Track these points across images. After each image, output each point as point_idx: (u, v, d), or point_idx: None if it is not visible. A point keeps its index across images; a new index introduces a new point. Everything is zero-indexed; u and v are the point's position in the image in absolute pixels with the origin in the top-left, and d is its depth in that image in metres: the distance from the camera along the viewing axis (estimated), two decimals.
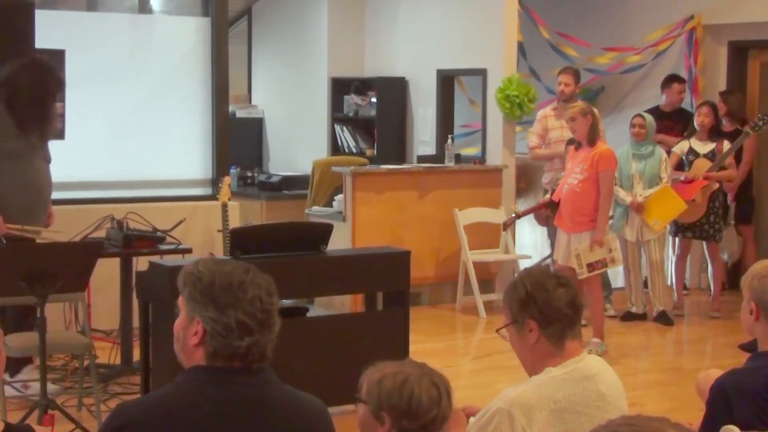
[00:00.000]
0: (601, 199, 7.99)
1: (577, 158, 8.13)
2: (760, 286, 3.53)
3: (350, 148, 11.66)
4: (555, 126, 9.32)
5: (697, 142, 9.33)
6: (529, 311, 3.32)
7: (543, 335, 3.31)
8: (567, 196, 8.10)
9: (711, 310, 9.44)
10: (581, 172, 8.02)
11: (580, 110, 8.07)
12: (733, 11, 10.31)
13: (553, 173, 9.14)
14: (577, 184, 8.03)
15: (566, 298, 3.32)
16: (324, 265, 6.17)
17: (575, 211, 8.04)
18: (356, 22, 11.82)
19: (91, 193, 8.43)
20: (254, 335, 2.74)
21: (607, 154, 8.04)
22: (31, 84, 6.48)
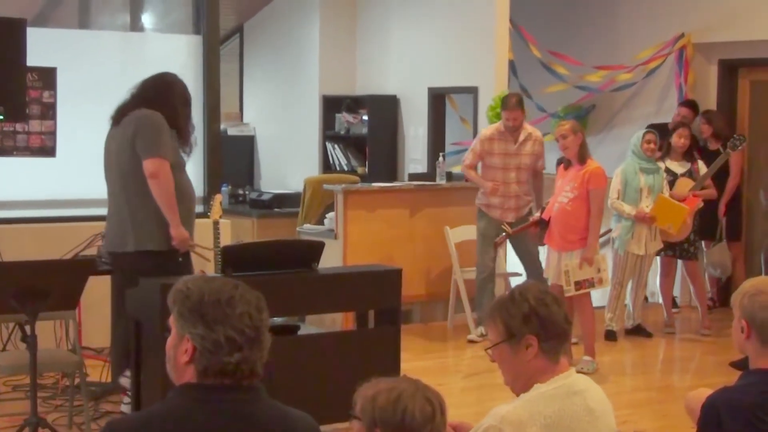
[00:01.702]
0: (592, 217, 7.99)
1: (567, 177, 8.12)
2: (750, 305, 3.54)
3: (342, 166, 11.67)
4: (497, 151, 8.91)
5: (673, 163, 9.36)
6: (530, 326, 3.32)
7: (541, 350, 3.32)
8: (557, 215, 8.10)
9: (701, 328, 9.44)
10: (571, 190, 8.02)
11: (570, 128, 8.08)
12: (724, 30, 10.35)
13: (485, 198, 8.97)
14: (567, 203, 8.03)
15: (562, 314, 3.36)
16: (315, 282, 6.17)
17: (566, 229, 8.04)
18: (348, 41, 11.84)
19: (82, 211, 8.41)
20: (243, 351, 2.74)
21: (598, 173, 8.04)
22: (181, 98, 6.44)
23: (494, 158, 8.89)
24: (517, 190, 8.91)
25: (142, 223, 6.27)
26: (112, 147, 6.37)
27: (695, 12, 10.55)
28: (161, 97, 6.35)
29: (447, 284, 9.53)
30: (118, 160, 6.30)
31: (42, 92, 8.28)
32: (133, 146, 6.20)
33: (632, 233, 8.93)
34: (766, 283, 3.59)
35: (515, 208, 8.94)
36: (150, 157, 6.15)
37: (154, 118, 6.22)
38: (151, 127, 6.19)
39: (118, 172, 6.32)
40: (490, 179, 8.87)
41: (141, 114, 6.24)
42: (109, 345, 7.26)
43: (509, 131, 8.87)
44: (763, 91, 10.76)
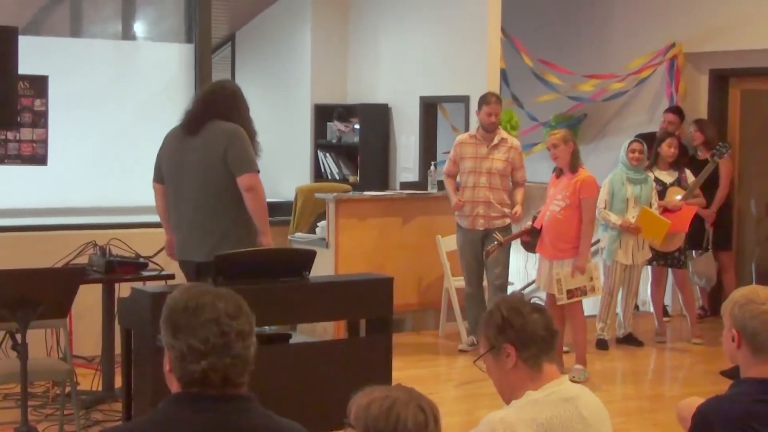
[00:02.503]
0: (584, 226, 8.01)
1: (558, 185, 8.14)
2: (741, 314, 3.55)
3: (333, 175, 11.67)
4: (468, 155, 8.77)
5: (661, 172, 9.39)
6: (505, 336, 3.37)
7: (520, 359, 3.36)
8: (549, 224, 8.10)
9: (692, 336, 9.46)
10: (563, 199, 8.03)
11: (561, 137, 8.08)
12: (714, 39, 10.38)
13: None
14: (559, 212, 8.04)
15: (542, 322, 3.38)
16: (307, 291, 6.16)
17: (557, 238, 8.05)
18: (339, 49, 11.85)
19: (73, 219, 8.41)
20: (208, 359, 2.71)
21: (590, 181, 8.06)
22: (245, 106, 6.57)
23: (466, 162, 8.74)
24: (488, 196, 8.66)
25: (233, 232, 6.39)
26: (191, 157, 6.40)
27: (686, 22, 10.58)
28: (235, 110, 6.46)
29: (438, 293, 9.53)
30: (204, 171, 6.36)
31: (33, 100, 8.28)
32: (224, 160, 6.29)
33: (619, 243, 8.95)
34: (756, 292, 3.60)
35: (484, 215, 8.67)
36: (246, 173, 6.30)
37: (241, 132, 6.36)
38: (243, 142, 6.33)
39: (203, 182, 6.37)
40: (462, 184, 8.81)
41: (229, 129, 6.35)
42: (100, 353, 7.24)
43: (486, 130, 8.70)
44: (754, 100, 10.79)
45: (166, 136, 6.68)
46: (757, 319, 3.50)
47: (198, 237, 6.42)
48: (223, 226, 6.39)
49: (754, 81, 10.75)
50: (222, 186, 6.34)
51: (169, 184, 6.57)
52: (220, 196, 6.36)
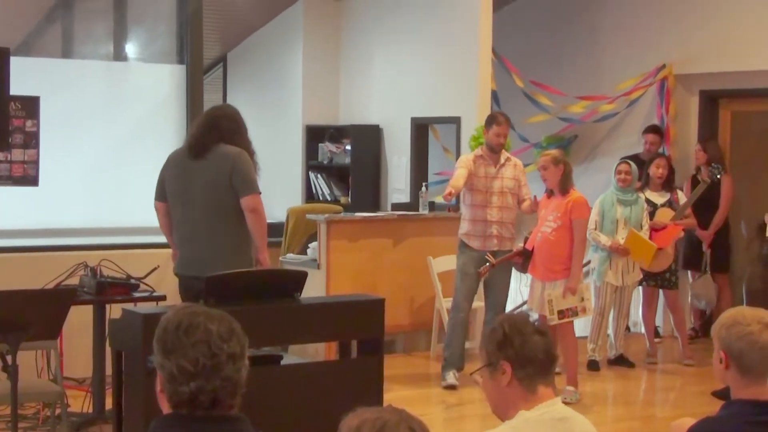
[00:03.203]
0: (575, 247, 8.03)
1: (549, 206, 8.14)
2: (727, 336, 3.55)
3: (325, 196, 11.68)
4: (480, 174, 8.48)
5: (652, 193, 9.43)
6: (504, 352, 3.38)
7: (515, 377, 3.37)
8: (541, 245, 8.12)
9: (683, 358, 9.46)
10: (554, 220, 8.05)
11: (552, 159, 8.10)
12: (704, 61, 10.43)
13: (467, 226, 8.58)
14: (550, 233, 8.06)
15: (542, 345, 3.39)
16: (298, 312, 6.15)
17: (550, 259, 8.07)
18: (331, 70, 11.88)
19: (64, 240, 8.40)
20: (198, 380, 2.71)
21: (581, 202, 8.08)
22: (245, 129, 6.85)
23: (479, 180, 8.46)
24: (500, 216, 8.46)
25: (240, 249, 6.69)
26: (198, 179, 6.66)
27: (676, 43, 10.63)
28: (237, 133, 6.74)
29: (430, 314, 9.52)
30: (211, 192, 6.63)
31: (25, 121, 8.28)
32: (229, 182, 6.59)
33: (609, 264, 8.96)
34: (742, 313, 3.60)
35: (498, 235, 8.44)
36: (249, 194, 6.62)
37: (245, 156, 6.68)
38: (247, 165, 6.65)
39: (209, 203, 6.64)
40: (471, 204, 8.49)
41: (234, 152, 6.63)
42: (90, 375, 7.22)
43: (493, 152, 8.51)
44: (744, 121, 10.83)
45: (169, 158, 6.87)
46: (743, 341, 3.51)
47: (203, 253, 6.64)
48: (227, 243, 6.65)
49: (744, 102, 10.80)
50: (227, 206, 6.62)
51: (173, 203, 6.78)
52: (226, 215, 6.63)
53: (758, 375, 3.53)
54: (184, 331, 2.74)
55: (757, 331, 3.49)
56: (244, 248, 6.72)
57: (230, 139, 6.68)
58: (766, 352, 3.49)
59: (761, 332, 3.49)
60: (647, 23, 10.89)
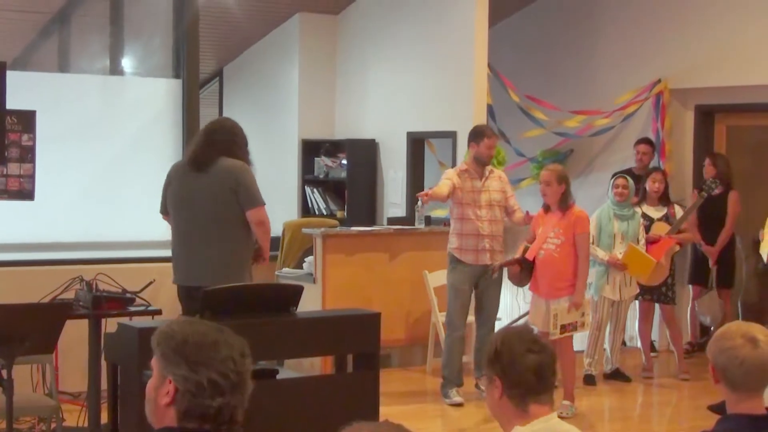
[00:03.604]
0: (580, 262, 8.03)
1: (548, 223, 8.09)
2: (716, 350, 3.55)
3: (321, 210, 11.68)
4: (466, 188, 8.37)
5: (649, 208, 9.44)
6: (494, 368, 3.37)
7: (505, 393, 3.35)
8: (545, 263, 8.07)
9: (679, 372, 9.45)
10: (557, 236, 8.02)
11: (556, 177, 8.07)
12: (699, 76, 10.45)
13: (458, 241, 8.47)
14: (555, 249, 8.04)
15: (533, 364, 3.33)
16: (294, 326, 6.15)
17: (556, 277, 8.04)
18: (327, 85, 11.89)
19: (60, 254, 8.39)
20: (225, 396, 2.73)
21: (584, 217, 8.11)
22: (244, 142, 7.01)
23: (466, 194, 8.37)
24: (491, 230, 8.37)
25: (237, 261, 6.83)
26: (200, 192, 6.81)
27: (672, 58, 10.65)
28: (235, 145, 6.90)
29: (426, 328, 9.52)
30: (213, 205, 6.78)
31: (21, 135, 8.28)
32: (233, 195, 6.76)
33: (606, 278, 8.97)
34: (730, 327, 3.60)
35: (490, 249, 8.36)
36: (255, 207, 6.82)
37: (247, 169, 6.87)
38: (249, 179, 6.84)
39: (212, 215, 6.79)
40: (460, 217, 8.37)
41: (236, 166, 6.81)
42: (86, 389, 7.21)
43: (481, 165, 8.43)
44: (739, 136, 10.86)
45: (170, 172, 7.02)
46: (724, 354, 3.50)
47: (202, 264, 6.81)
48: (224, 256, 6.79)
49: (739, 117, 10.82)
50: (227, 219, 6.78)
51: (174, 215, 6.96)
52: (225, 228, 6.79)
53: (747, 390, 3.51)
54: (211, 346, 2.75)
55: (739, 346, 3.47)
56: (241, 260, 6.84)
57: (229, 152, 6.83)
58: (748, 367, 3.46)
59: (743, 347, 3.47)
60: (643, 38, 10.91)
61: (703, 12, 10.45)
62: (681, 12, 10.61)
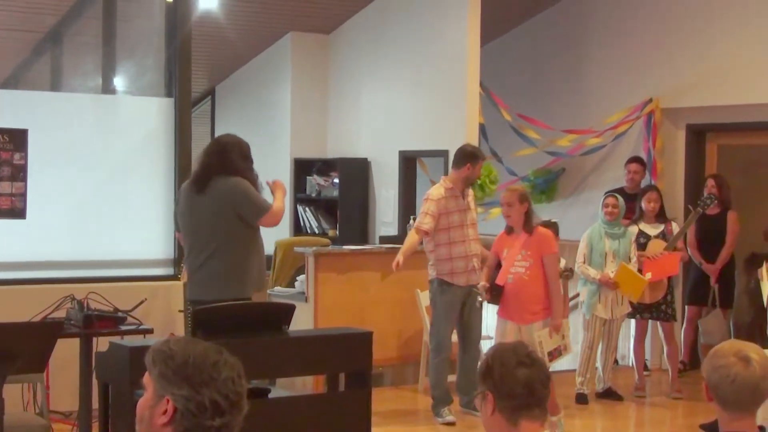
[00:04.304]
0: (552, 283, 7.79)
1: (513, 245, 7.83)
2: (709, 368, 3.55)
3: (313, 229, 11.68)
4: (454, 208, 8.35)
5: (646, 226, 9.44)
6: (486, 383, 3.37)
7: (497, 408, 3.34)
8: (516, 287, 7.79)
9: (672, 391, 9.44)
10: (525, 258, 7.78)
11: (518, 196, 7.84)
12: (691, 95, 10.49)
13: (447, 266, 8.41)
14: (525, 272, 7.78)
15: (524, 379, 3.33)
16: (286, 345, 6.15)
17: (529, 300, 7.77)
18: (319, 103, 11.91)
19: (51, 273, 8.37)
20: (225, 416, 2.73)
21: (550, 237, 7.93)
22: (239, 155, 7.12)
23: (453, 216, 8.32)
24: (475, 248, 8.38)
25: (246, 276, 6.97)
26: (202, 213, 6.98)
27: (663, 77, 10.69)
28: (229, 161, 6.99)
29: (418, 347, 9.51)
30: (214, 224, 6.92)
31: (13, 154, 8.26)
32: (236, 215, 6.89)
33: (598, 297, 8.96)
34: (723, 346, 3.59)
35: (477, 267, 8.36)
36: (262, 217, 6.96)
37: (243, 184, 6.95)
38: (249, 193, 6.95)
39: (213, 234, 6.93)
40: (447, 243, 8.28)
41: (231, 184, 6.93)
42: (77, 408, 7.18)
43: (470, 184, 8.48)
44: (730, 155, 10.89)
45: (180, 191, 7.32)
46: (717, 372, 3.50)
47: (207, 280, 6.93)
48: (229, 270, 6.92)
49: (730, 136, 10.85)
50: (229, 237, 6.91)
51: (183, 235, 7.21)
52: (228, 245, 6.92)
53: (739, 408, 3.50)
54: (213, 366, 2.75)
55: (731, 364, 3.47)
56: (242, 276, 6.94)
57: (226, 169, 6.95)
58: (739, 386, 3.46)
59: (735, 365, 3.46)
60: (634, 58, 10.95)
61: (695, 32, 10.49)
62: (672, 32, 10.65)
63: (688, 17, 10.55)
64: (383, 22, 11.27)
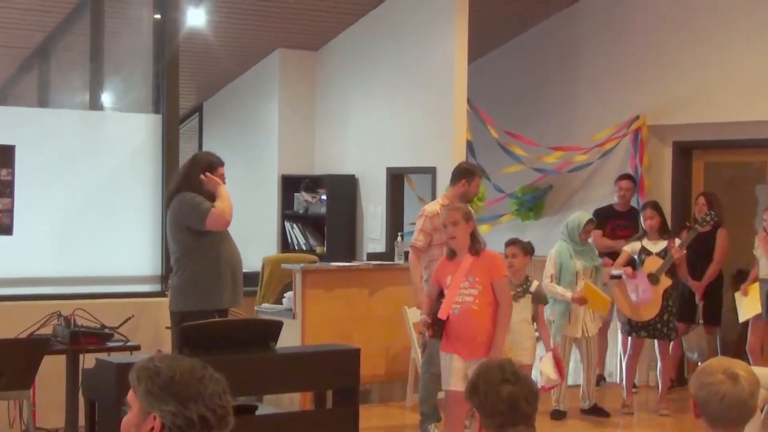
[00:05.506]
0: (503, 310, 6.91)
1: (458, 271, 6.91)
2: (696, 384, 3.56)
3: (300, 245, 11.67)
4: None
5: (648, 242, 9.36)
6: (473, 401, 3.40)
7: (483, 426, 3.36)
8: (462, 319, 6.86)
9: (659, 408, 9.43)
10: (473, 285, 6.87)
11: (463, 214, 7.02)
12: (678, 112, 10.52)
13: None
14: (473, 302, 6.85)
15: (506, 394, 3.35)
16: (273, 362, 6.14)
17: (475, 332, 6.85)
18: (307, 120, 11.92)
19: (38, 289, 8.34)
20: (213, 431, 2.73)
21: (501, 259, 7.29)
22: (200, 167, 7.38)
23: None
24: None
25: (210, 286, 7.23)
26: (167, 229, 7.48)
27: (650, 95, 10.72)
28: (186, 176, 7.35)
29: (405, 364, 9.50)
30: (174, 237, 7.32)
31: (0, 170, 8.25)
32: (183, 225, 7.22)
33: (568, 317, 8.91)
34: (711, 363, 3.60)
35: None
36: (205, 221, 7.15)
37: (182, 200, 7.23)
38: (186, 208, 7.21)
39: (173, 247, 7.39)
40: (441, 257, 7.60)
41: (176, 202, 7.28)
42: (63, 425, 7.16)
43: (467, 201, 8.29)
44: (717, 172, 10.92)
45: None
46: (705, 389, 3.51)
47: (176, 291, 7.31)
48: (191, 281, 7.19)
49: (717, 153, 10.89)
50: (185, 250, 7.26)
51: None
52: (183, 258, 7.27)
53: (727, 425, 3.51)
54: (199, 381, 2.76)
55: (719, 382, 3.47)
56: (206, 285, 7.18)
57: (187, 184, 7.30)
58: (728, 403, 3.46)
59: (723, 383, 3.47)
60: (621, 75, 10.99)
61: (682, 50, 10.53)
62: (659, 49, 10.69)
63: (675, 35, 10.60)
64: (371, 39, 11.29)
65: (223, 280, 7.24)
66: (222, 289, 7.24)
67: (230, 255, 7.40)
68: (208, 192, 7.26)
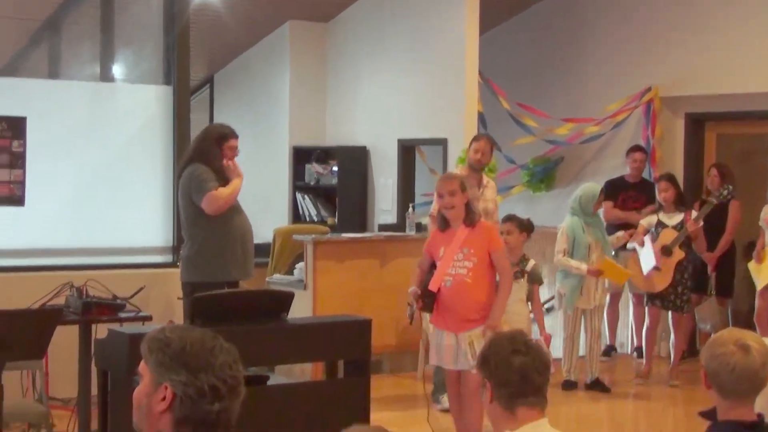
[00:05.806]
0: (504, 280, 6.68)
1: (452, 242, 6.68)
2: (708, 355, 3.56)
3: (311, 217, 11.67)
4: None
5: (664, 215, 9.33)
6: (484, 372, 3.42)
7: (494, 396, 3.37)
8: (454, 292, 6.63)
9: (670, 378, 9.43)
10: (467, 257, 6.63)
11: (460, 183, 6.74)
12: (690, 84, 10.48)
13: None
14: (467, 274, 6.61)
15: (518, 365, 3.37)
16: (285, 333, 6.15)
17: (466, 306, 6.62)
18: (318, 92, 11.90)
19: (50, 260, 8.37)
20: (224, 401, 2.75)
21: (496, 230, 7.15)
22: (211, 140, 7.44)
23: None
24: None
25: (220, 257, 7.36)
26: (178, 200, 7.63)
27: (662, 66, 10.68)
28: (198, 148, 7.44)
29: (417, 335, 9.51)
30: (183, 208, 7.47)
31: (11, 141, 8.26)
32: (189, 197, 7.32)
33: (580, 290, 8.91)
34: (722, 334, 3.61)
35: None
36: (201, 202, 7.25)
37: (190, 174, 7.32)
38: (192, 182, 7.29)
39: (183, 219, 7.56)
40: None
41: (185, 173, 7.37)
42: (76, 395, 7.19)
43: (473, 169, 8.33)
44: (729, 144, 10.89)
45: None
46: (716, 360, 3.51)
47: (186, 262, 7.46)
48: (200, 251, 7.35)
49: (729, 125, 10.85)
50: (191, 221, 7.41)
51: None
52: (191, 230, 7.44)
53: (738, 396, 3.51)
54: (210, 351, 2.77)
55: (730, 353, 3.48)
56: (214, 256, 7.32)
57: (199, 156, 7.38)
58: (738, 374, 3.47)
59: (734, 354, 3.47)
60: (633, 46, 10.94)
61: (694, 20, 10.48)
62: (672, 20, 10.64)
63: (688, 6, 10.54)
64: (382, 10, 11.26)
65: (233, 251, 7.33)
66: (232, 261, 7.33)
67: (241, 226, 7.46)
68: (220, 168, 7.34)
